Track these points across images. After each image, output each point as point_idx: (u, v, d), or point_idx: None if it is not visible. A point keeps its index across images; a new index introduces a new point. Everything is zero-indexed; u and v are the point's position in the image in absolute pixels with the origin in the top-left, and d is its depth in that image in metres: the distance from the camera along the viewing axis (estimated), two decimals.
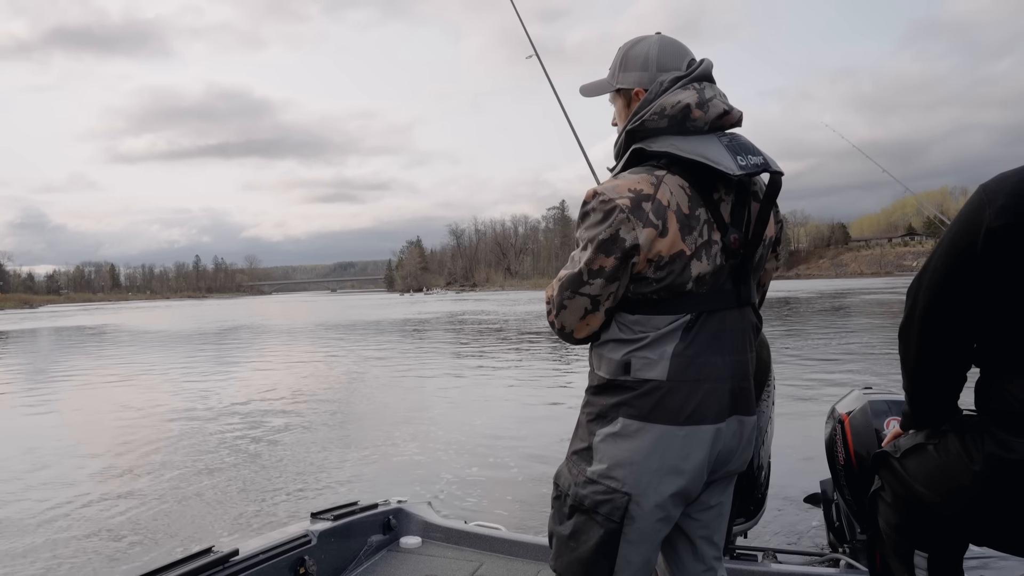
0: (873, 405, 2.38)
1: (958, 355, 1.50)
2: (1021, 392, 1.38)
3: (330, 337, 25.46)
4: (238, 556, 2.25)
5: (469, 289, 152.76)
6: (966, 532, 1.58)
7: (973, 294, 1.42)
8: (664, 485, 1.36)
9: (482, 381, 12.43)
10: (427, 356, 17.42)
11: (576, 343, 1.49)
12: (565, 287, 1.42)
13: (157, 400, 11.01)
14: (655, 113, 1.40)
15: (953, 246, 1.44)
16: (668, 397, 1.35)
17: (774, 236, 1.54)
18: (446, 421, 8.58)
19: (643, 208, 1.34)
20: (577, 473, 1.43)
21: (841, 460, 2.43)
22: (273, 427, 8.43)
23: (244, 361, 17.71)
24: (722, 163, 1.35)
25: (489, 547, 2.77)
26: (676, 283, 1.36)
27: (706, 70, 1.46)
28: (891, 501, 1.69)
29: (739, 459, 1.48)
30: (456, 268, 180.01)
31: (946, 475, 1.51)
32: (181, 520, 5.11)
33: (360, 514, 2.79)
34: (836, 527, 2.70)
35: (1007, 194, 1.36)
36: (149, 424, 8.95)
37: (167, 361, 18.07)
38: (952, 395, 1.56)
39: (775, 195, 1.47)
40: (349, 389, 11.80)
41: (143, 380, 14.02)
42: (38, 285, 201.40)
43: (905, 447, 1.64)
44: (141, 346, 24.35)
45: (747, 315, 1.47)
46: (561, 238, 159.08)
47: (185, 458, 6.99)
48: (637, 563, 1.40)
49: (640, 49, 1.52)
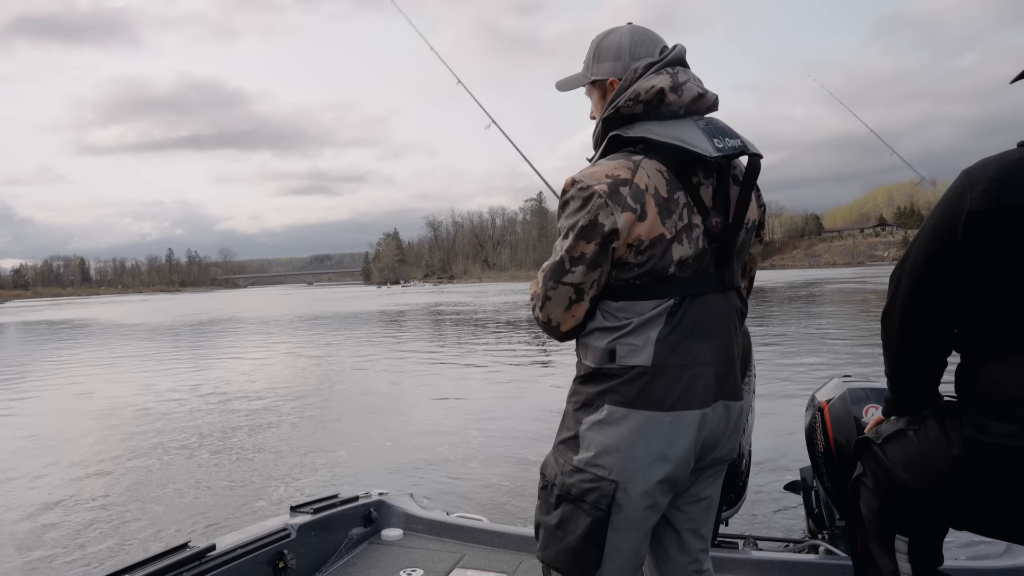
0: (852, 393, 2.39)
1: (939, 340, 1.51)
2: (998, 376, 1.39)
3: (306, 330, 25.23)
4: (215, 551, 2.22)
5: (447, 281, 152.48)
6: (946, 516, 1.60)
7: (954, 279, 1.42)
8: (651, 472, 1.35)
9: (462, 371, 12.38)
10: (406, 347, 17.33)
11: (562, 338, 1.47)
12: (548, 277, 1.42)
13: (128, 395, 10.83)
14: (629, 99, 1.40)
15: (935, 231, 1.44)
16: (653, 383, 1.35)
17: (757, 220, 1.53)
18: (426, 412, 8.55)
19: (621, 193, 1.34)
20: (564, 462, 1.42)
21: (821, 448, 2.45)
22: (249, 420, 8.33)
23: (217, 354, 17.48)
24: (698, 145, 1.34)
25: (471, 538, 2.76)
26: (658, 267, 1.36)
27: (679, 55, 1.46)
28: (873, 486, 1.70)
29: (726, 446, 1.47)
30: (434, 260, 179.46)
31: (926, 460, 1.52)
32: (156, 515, 5.02)
33: (340, 507, 2.76)
34: (816, 514, 2.73)
35: (988, 179, 1.36)
36: (121, 419, 8.79)
37: (138, 355, 17.78)
38: (933, 380, 1.57)
39: (754, 177, 1.46)
40: (326, 381, 11.70)
41: (113, 375, 13.79)
42: (4, 280, 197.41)
43: (886, 433, 1.65)
44: (112, 340, 23.94)
45: (732, 299, 1.46)
46: (539, 230, 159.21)
47: (159, 453, 6.89)
48: (626, 551, 1.39)
49: (612, 39, 1.53)
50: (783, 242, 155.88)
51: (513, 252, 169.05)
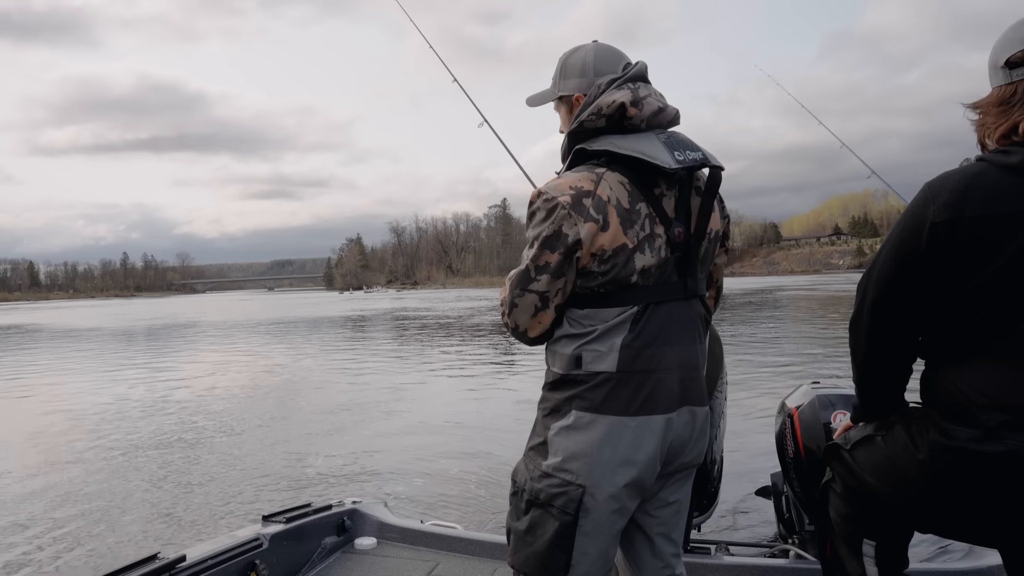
0: (821, 399, 2.46)
1: (905, 348, 1.55)
2: (962, 382, 1.44)
3: (269, 335, 24.83)
4: (185, 562, 2.19)
5: (410, 287, 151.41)
6: (913, 520, 1.64)
7: (920, 288, 1.47)
8: (617, 476, 1.38)
9: (430, 376, 12.33)
10: (372, 352, 17.17)
11: (531, 343, 1.52)
12: (515, 285, 1.47)
13: (88, 403, 10.50)
14: (592, 113, 1.46)
15: (900, 242, 1.48)
16: (618, 388, 1.38)
17: (721, 230, 1.58)
18: (399, 418, 8.47)
19: (584, 204, 1.38)
20: (533, 468, 1.44)
21: (791, 453, 2.50)
22: (216, 428, 8.15)
23: (176, 360, 17.06)
24: (658, 158, 1.39)
25: (446, 546, 2.75)
26: (621, 276, 1.40)
27: (640, 71, 1.52)
28: (841, 492, 1.74)
29: (693, 450, 1.51)
30: (397, 266, 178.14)
31: (894, 465, 1.56)
32: (123, 527, 4.87)
33: (313, 516, 2.74)
34: (786, 519, 2.79)
35: (950, 191, 1.41)
36: (81, 429, 8.51)
37: (94, 361, 17.27)
38: (900, 387, 1.61)
39: (715, 189, 1.51)
40: (294, 388, 11.52)
41: (70, 382, 13.35)
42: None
43: (855, 439, 1.68)
44: (64, 346, 23.21)
45: (695, 307, 1.50)
46: (503, 236, 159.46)
47: (123, 463, 6.69)
48: (594, 555, 1.42)
49: (577, 57, 1.59)
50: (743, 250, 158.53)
51: (477, 258, 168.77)
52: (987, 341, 1.42)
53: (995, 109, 1.47)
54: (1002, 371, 1.40)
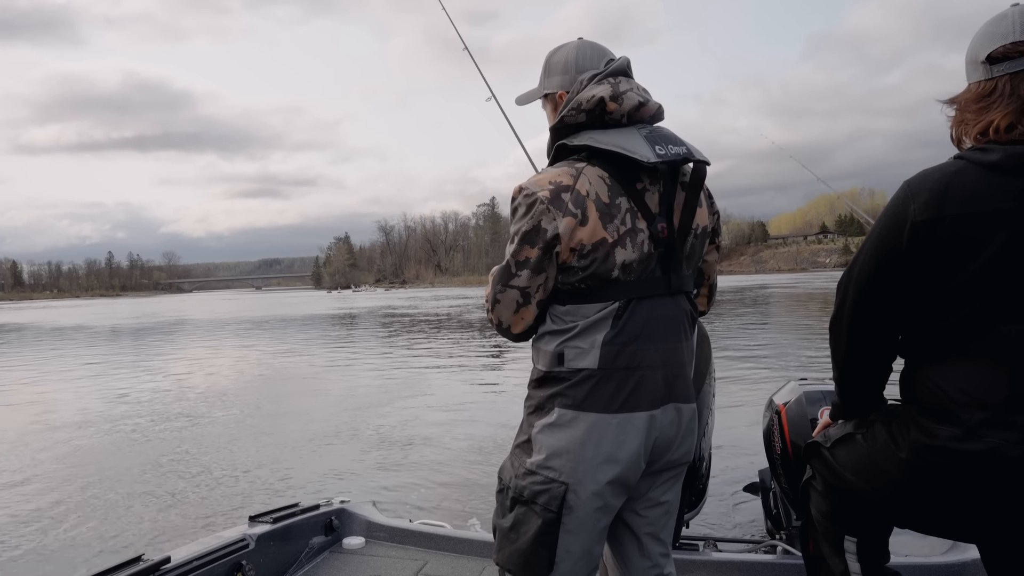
0: (808, 395, 2.47)
1: (886, 346, 1.55)
2: (942, 380, 1.44)
3: (257, 333, 24.68)
4: (170, 563, 2.17)
5: (399, 286, 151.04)
6: (893, 516, 1.64)
7: (900, 287, 1.46)
8: (600, 473, 1.38)
9: (419, 375, 12.27)
10: (361, 351, 17.11)
11: (515, 339, 1.51)
12: (497, 280, 1.47)
13: (71, 402, 10.41)
14: (572, 109, 1.45)
15: (881, 241, 1.48)
16: (600, 385, 1.38)
17: (709, 226, 1.57)
18: (387, 417, 8.45)
19: (562, 199, 1.38)
20: (518, 465, 1.44)
21: (778, 450, 2.51)
22: (202, 428, 8.10)
23: (163, 359, 16.93)
24: (638, 152, 1.38)
25: (434, 545, 2.75)
26: (601, 271, 1.39)
27: (621, 66, 1.51)
28: (822, 489, 1.74)
29: (681, 448, 1.50)
30: (385, 265, 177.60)
31: (874, 463, 1.56)
32: (108, 528, 4.84)
33: (301, 515, 2.72)
34: (774, 515, 2.80)
35: (929, 190, 1.40)
36: (66, 428, 8.44)
37: (79, 360, 17.10)
38: (880, 385, 1.61)
39: (699, 183, 1.50)
40: (282, 386, 11.47)
41: (53, 381, 13.23)
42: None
43: (835, 437, 1.68)
44: (49, 345, 22.99)
45: (680, 303, 1.49)
46: (491, 235, 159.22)
47: (107, 463, 6.64)
48: (577, 552, 1.41)
49: (560, 55, 1.59)
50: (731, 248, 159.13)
51: (466, 257, 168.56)
52: (967, 340, 1.42)
53: (974, 106, 1.46)
54: (982, 370, 1.40)
